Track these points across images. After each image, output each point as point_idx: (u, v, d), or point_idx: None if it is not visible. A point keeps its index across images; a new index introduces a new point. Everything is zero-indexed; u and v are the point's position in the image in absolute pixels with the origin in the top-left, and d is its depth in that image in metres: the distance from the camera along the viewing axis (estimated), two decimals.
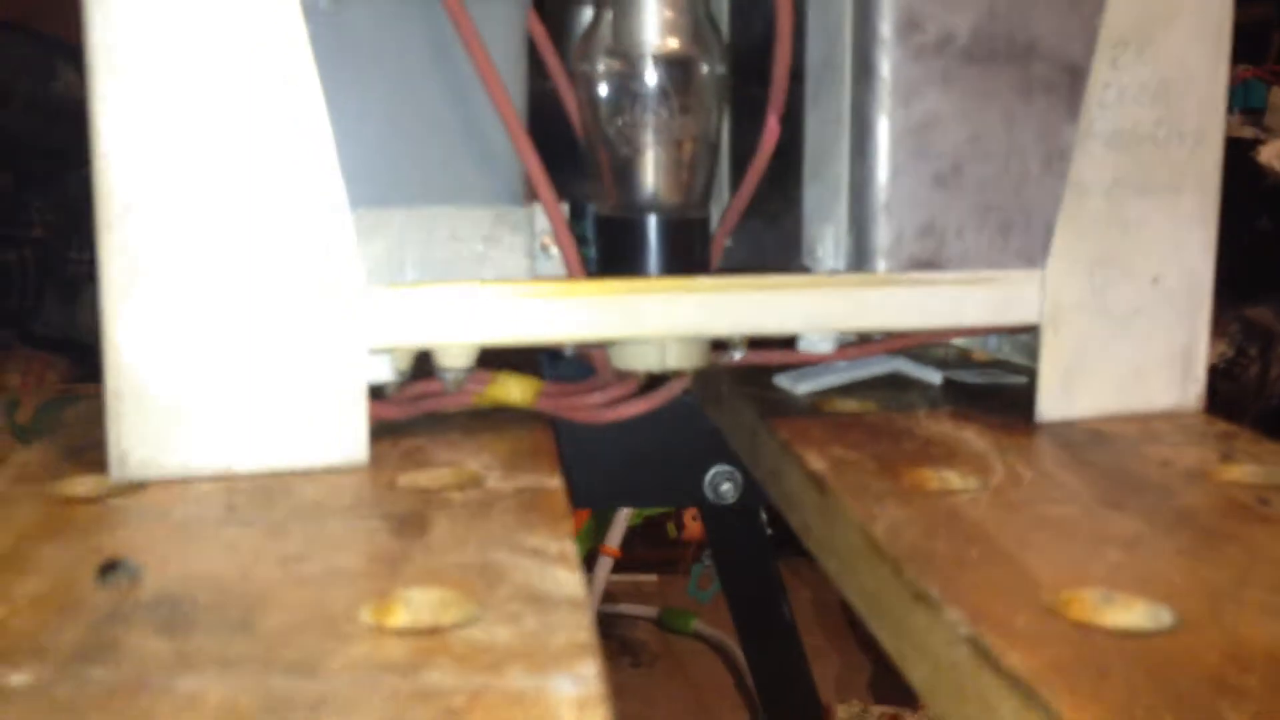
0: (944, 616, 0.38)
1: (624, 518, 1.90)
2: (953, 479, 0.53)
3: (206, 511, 0.47)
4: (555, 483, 0.51)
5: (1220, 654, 0.35)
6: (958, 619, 0.38)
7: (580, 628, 0.36)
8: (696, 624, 2.10)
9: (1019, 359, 0.77)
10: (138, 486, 0.51)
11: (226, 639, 0.36)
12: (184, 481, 0.51)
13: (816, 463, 0.55)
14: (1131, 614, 0.39)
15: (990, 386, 0.71)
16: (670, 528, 2.40)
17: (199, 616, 0.37)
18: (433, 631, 0.36)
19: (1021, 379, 0.73)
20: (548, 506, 0.48)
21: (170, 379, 0.51)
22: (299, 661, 0.34)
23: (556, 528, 0.45)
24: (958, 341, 0.80)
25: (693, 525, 2.38)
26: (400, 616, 0.38)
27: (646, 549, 2.32)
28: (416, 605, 0.39)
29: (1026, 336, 0.74)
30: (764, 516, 1.12)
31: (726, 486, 0.83)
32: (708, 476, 0.82)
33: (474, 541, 0.44)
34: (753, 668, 1.15)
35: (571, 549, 0.43)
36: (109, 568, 0.40)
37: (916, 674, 0.41)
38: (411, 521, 0.46)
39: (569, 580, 0.40)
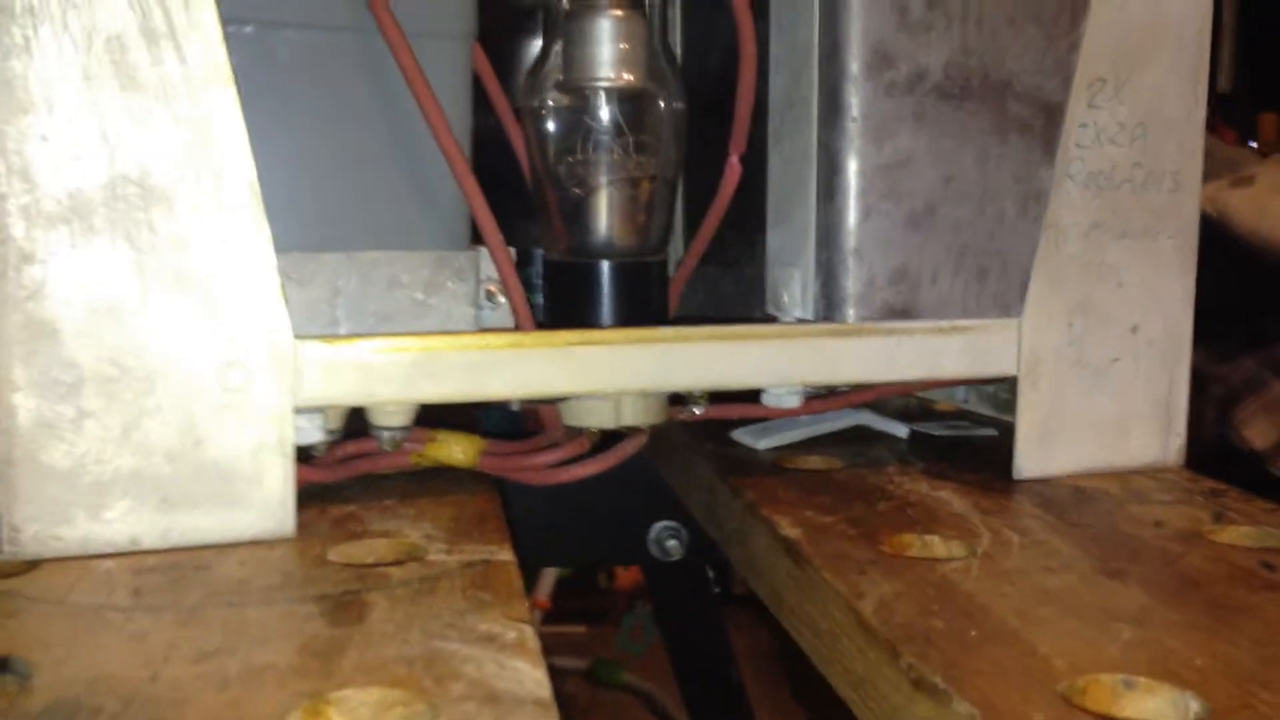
0: (953, 708, 0.34)
1: (553, 568, 1.84)
2: (936, 545, 0.49)
3: (110, 596, 0.42)
4: (506, 555, 0.46)
5: None
6: (969, 712, 0.34)
7: None
8: (627, 676, 2.04)
9: (984, 409, 0.73)
10: (31, 565, 0.45)
11: None
12: (84, 560, 0.45)
13: (789, 529, 0.50)
14: (1156, 701, 0.35)
15: (958, 439, 0.68)
16: (601, 578, 2.34)
17: None
18: None
19: (990, 431, 0.70)
20: (500, 583, 0.43)
21: (69, 444, 0.45)
22: None
23: (511, 609, 0.41)
24: (922, 391, 0.77)
25: (624, 575, 2.32)
26: None
27: (576, 599, 2.26)
28: (354, 709, 0.34)
29: (993, 387, 0.71)
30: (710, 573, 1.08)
31: (672, 543, 0.79)
32: (652, 533, 0.78)
33: (418, 628, 0.39)
34: None
35: (530, 635, 0.38)
36: None
37: None
38: (346, 605, 0.41)
39: (531, 676, 0.35)
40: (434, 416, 0.56)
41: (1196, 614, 0.41)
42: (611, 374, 0.52)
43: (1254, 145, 2.70)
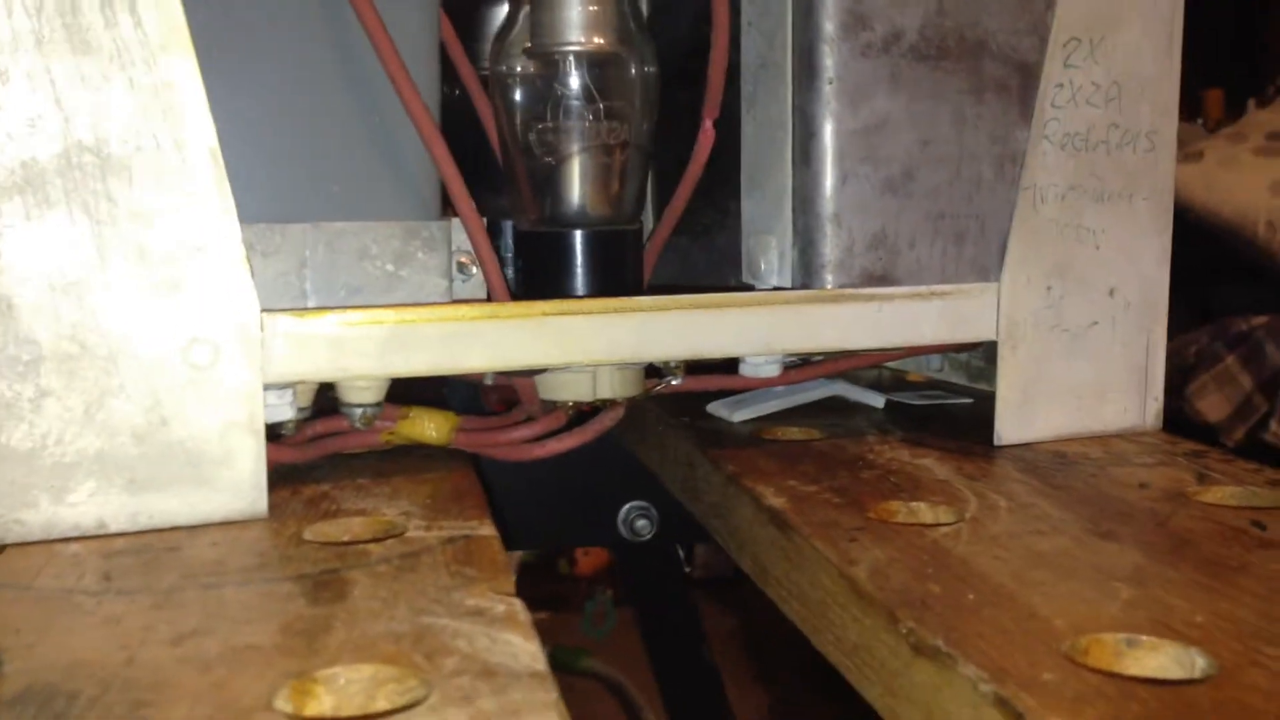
0: (958, 671, 0.33)
1: (514, 553, 1.82)
2: (923, 511, 0.48)
3: (79, 580, 0.40)
4: (488, 529, 0.45)
5: None
6: (976, 675, 0.33)
7: (548, 707, 0.30)
8: (589, 662, 2.03)
9: (958, 378, 0.73)
10: None
11: None
12: (48, 544, 0.44)
13: (774, 499, 0.49)
14: (1161, 659, 0.34)
15: (933, 408, 0.67)
16: (562, 564, 2.33)
17: (78, 714, 0.30)
18: (371, 718, 0.30)
19: (964, 399, 0.69)
20: (484, 558, 0.42)
21: (30, 424, 0.43)
22: None
23: (497, 583, 0.39)
24: (892, 362, 0.76)
25: (584, 561, 2.31)
26: (324, 702, 0.32)
27: (537, 585, 2.25)
28: (343, 687, 0.32)
29: (966, 355, 0.70)
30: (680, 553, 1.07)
31: (642, 523, 0.78)
32: (622, 513, 0.77)
33: (403, 604, 0.37)
34: (670, 711, 1.09)
35: (520, 608, 0.37)
36: None
37: None
38: (326, 584, 0.39)
39: (525, 649, 0.34)
40: (402, 394, 0.55)
41: (1193, 572, 0.41)
42: (590, 345, 0.51)
43: (1200, 122, 2.73)
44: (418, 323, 0.48)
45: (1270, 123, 2.21)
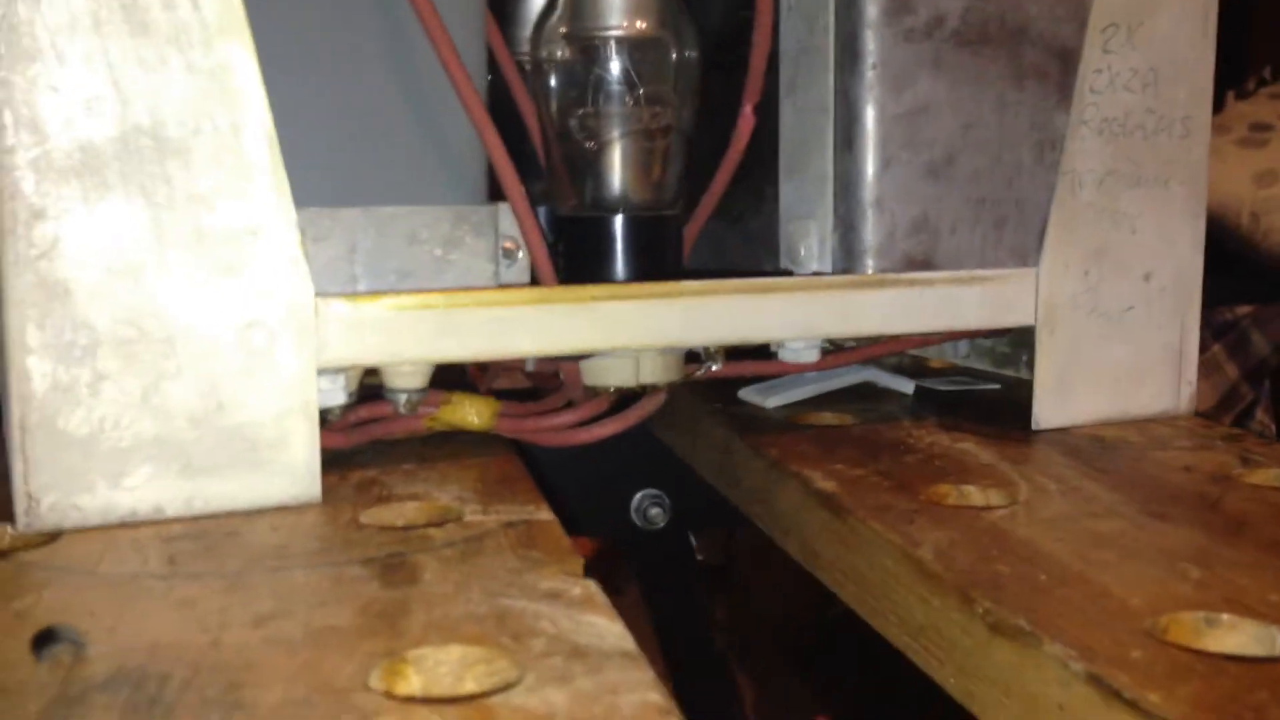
0: (1043, 650, 0.34)
1: None
2: (974, 494, 0.49)
3: (144, 564, 0.40)
4: (546, 514, 0.45)
5: None
6: (1064, 653, 0.33)
7: (648, 686, 0.30)
8: None
9: (983, 364, 0.73)
10: (51, 537, 0.43)
11: None
12: (106, 529, 0.43)
13: (823, 482, 0.50)
14: (1241, 637, 0.35)
15: (963, 394, 0.68)
16: None
17: (173, 696, 0.30)
18: (468, 699, 0.30)
19: (992, 385, 0.69)
20: (548, 541, 0.42)
21: (88, 408, 0.43)
22: None
23: (566, 566, 0.39)
24: (917, 349, 0.76)
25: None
26: (413, 682, 0.32)
27: None
28: (432, 667, 0.32)
29: (990, 341, 0.71)
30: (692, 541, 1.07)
31: (655, 511, 0.78)
32: (634, 501, 0.77)
33: (477, 587, 0.37)
34: (681, 702, 1.09)
35: (596, 590, 0.37)
36: (44, 638, 0.33)
37: (1000, 717, 0.36)
38: (394, 567, 0.39)
39: (610, 629, 0.34)
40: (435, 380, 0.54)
41: (1256, 552, 0.41)
42: (636, 329, 0.51)
43: None
44: (468, 306, 0.48)
45: (1252, 114, 2.23)
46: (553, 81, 0.56)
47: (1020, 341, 0.68)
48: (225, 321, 0.44)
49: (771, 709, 1.84)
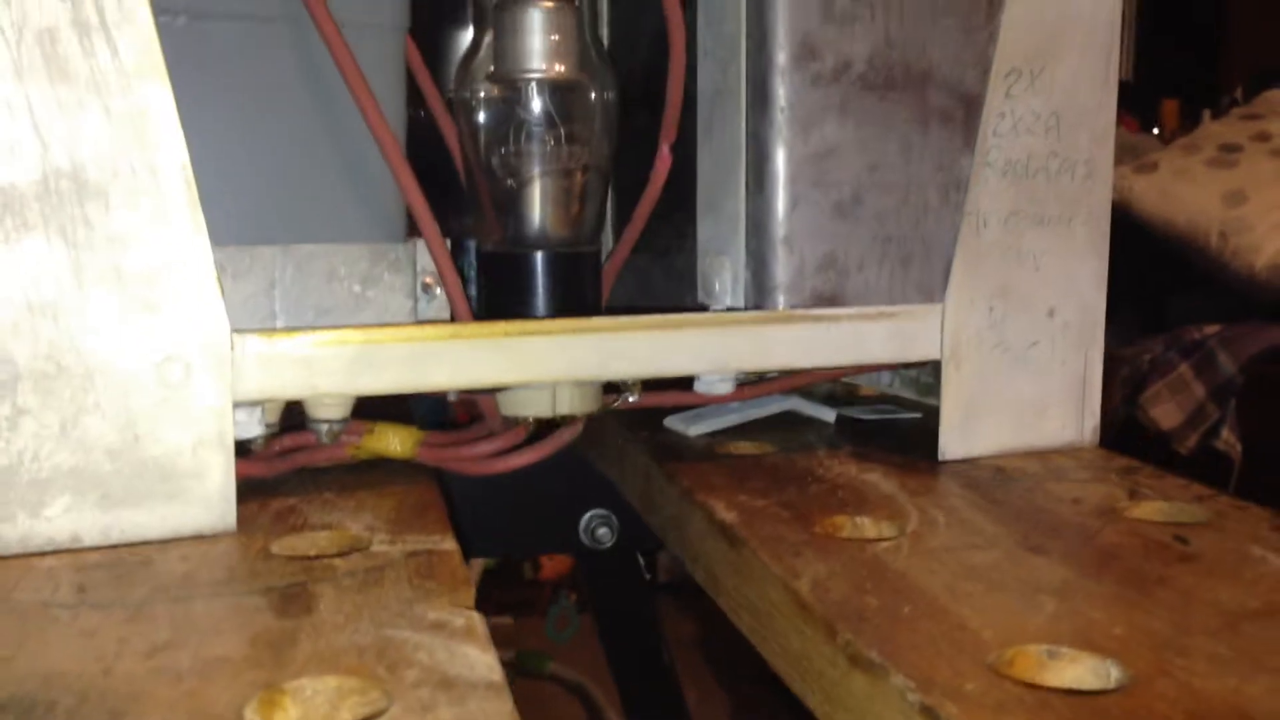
0: (890, 682, 0.36)
1: (479, 560, 1.83)
2: (867, 526, 0.51)
3: (54, 593, 0.42)
4: (449, 544, 0.47)
5: (1184, 714, 0.33)
6: (904, 685, 0.35)
7: (504, 716, 0.32)
8: (553, 666, 2.05)
9: (908, 393, 0.75)
10: None
11: None
12: (24, 558, 0.45)
13: (725, 513, 0.52)
14: (1079, 670, 0.37)
15: (883, 423, 0.70)
16: (526, 569, 2.34)
17: None
18: None
19: (914, 414, 0.71)
20: (444, 572, 0.44)
21: (6, 440, 0.45)
22: None
23: (457, 596, 0.41)
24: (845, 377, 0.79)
25: (549, 566, 2.33)
26: (290, 713, 0.33)
27: (501, 590, 2.26)
28: (309, 698, 0.34)
29: (915, 371, 0.73)
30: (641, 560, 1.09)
31: (603, 531, 0.80)
32: (583, 521, 0.79)
33: (367, 618, 0.39)
34: (629, 713, 1.11)
35: (478, 621, 0.39)
36: None
37: None
38: (293, 597, 0.41)
39: (481, 660, 0.36)
40: (369, 409, 0.56)
41: (1115, 586, 0.43)
42: (550, 363, 0.53)
43: (1155, 132, 2.78)
44: (384, 342, 0.50)
45: (1223, 135, 2.26)
46: (475, 120, 0.58)
47: (940, 373, 0.70)
48: (143, 357, 0.46)
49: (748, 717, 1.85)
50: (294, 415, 0.56)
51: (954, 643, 0.38)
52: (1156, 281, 2.10)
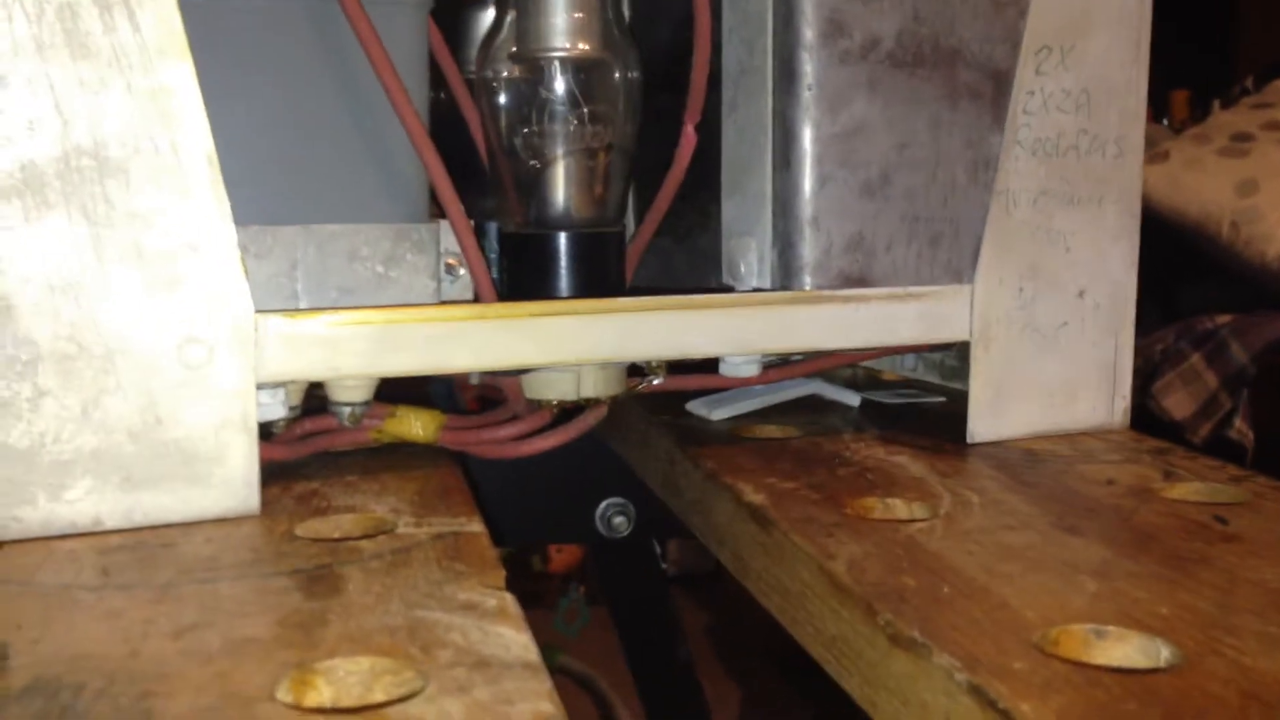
0: (933, 661, 0.35)
1: None
2: (899, 507, 0.50)
3: (78, 575, 0.41)
4: (476, 526, 0.46)
5: (1238, 693, 0.32)
6: (950, 664, 0.34)
7: (541, 696, 0.31)
8: (562, 659, 2.04)
9: (931, 377, 0.75)
10: None
11: None
12: (46, 541, 0.45)
13: (753, 495, 0.51)
14: (1127, 648, 0.36)
15: (907, 407, 0.69)
16: (535, 561, 2.34)
17: (85, 706, 0.31)
18: (369, 709, 0.31)
19: (937, 398, 0.71)
20: (473, 554, 0.43)
21: (28, 422, 0.44)
22: None
23: (487, 577, 0.41)
24: (867, 362, 0.78)
25: (558, 558, 2.32)
26: (323, 693, 0.33)
27: (510, 582, 2.26)
28: (342, 678, 0.33)
29: (939, 355, 0.72)
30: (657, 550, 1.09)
31: (619, 520, 0.79)
32: (599, 510, 0.79)
33: (397, 599, 0.39)
34: (647, 709, 1.10)
35: (511, 602, 0.38)
36: None
37: None
38: (320, 579, 0.41)
39: (516, 640, 0.35)
40: (386, 393, 0.56)
41: (1156, 565, 0.42)
42: (575, 344, 0.52)
43: (1165, 122, 2.76)
44: (407, 323, 0.49)
45: (1234, 124, 2.25)
46: (498, 100, 0.57)
47: (967, 355, 0.69)
48: (164, 337, 0.46)
49: (759, 711, 1.85)
50: (313, 400, 0.55)
51: (996, 622, 0.37)
52: (1168, 271, 2.09)
